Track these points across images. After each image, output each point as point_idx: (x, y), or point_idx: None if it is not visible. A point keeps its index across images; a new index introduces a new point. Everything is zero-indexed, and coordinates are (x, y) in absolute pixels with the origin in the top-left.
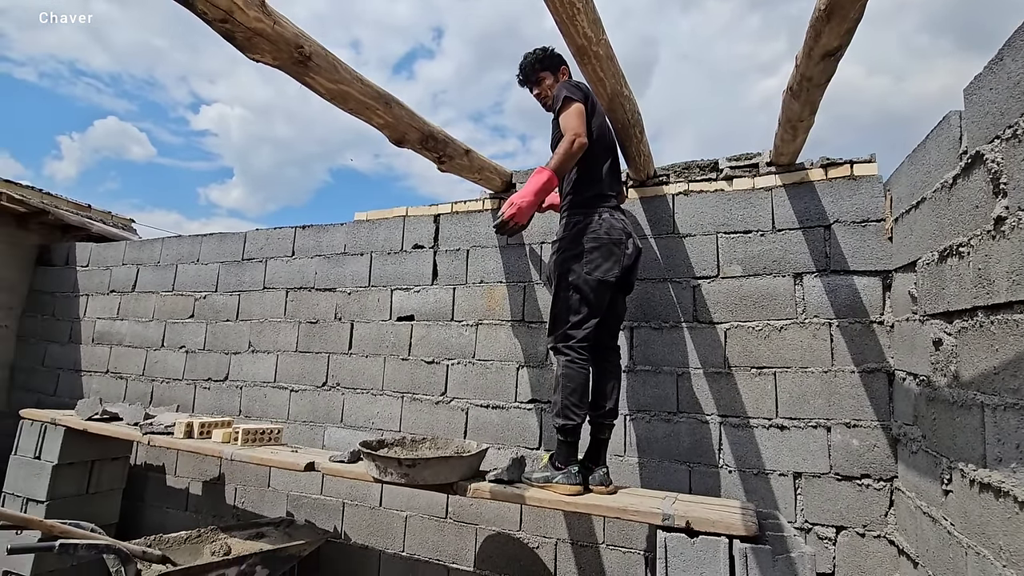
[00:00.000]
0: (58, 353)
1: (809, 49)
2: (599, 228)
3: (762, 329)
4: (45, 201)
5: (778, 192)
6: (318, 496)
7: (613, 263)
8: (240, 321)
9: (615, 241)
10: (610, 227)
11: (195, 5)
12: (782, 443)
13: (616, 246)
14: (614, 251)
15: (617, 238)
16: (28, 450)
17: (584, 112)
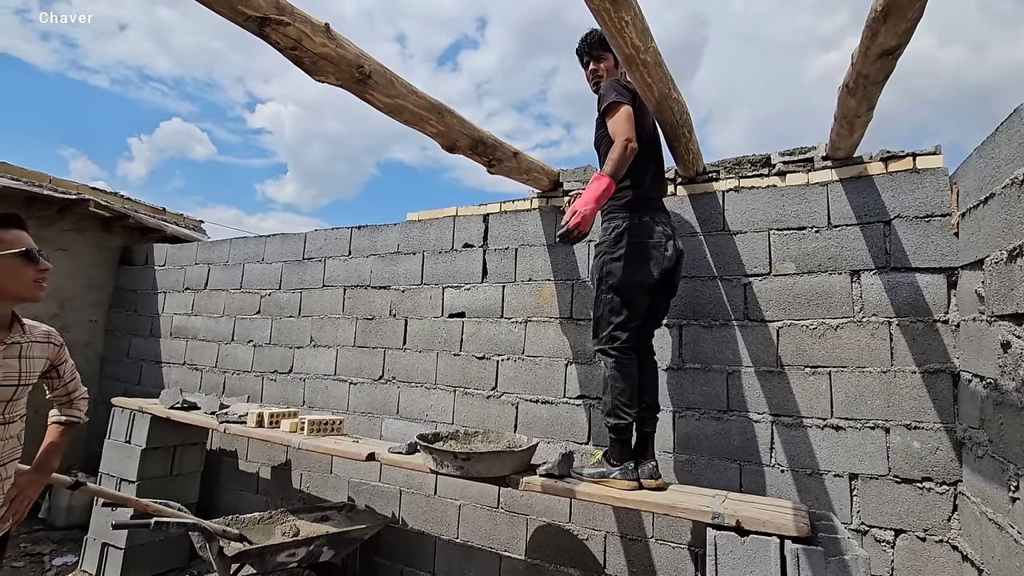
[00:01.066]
0: (141, 346)
1: (865, 48)
2: (640, 231)
3: (817, 328)
4: (126, 206)
5: (834, 187)
6: (377, 483)
7: (653, 266)
8: (302, 317)
9: (655, 244)
10: (651, 230)
11: (269, 36)
12: (837, 443)
13: (656, 249)
14: (654, 254)
15: (657, 241)
16: (120, 435)
17: (632, 116)
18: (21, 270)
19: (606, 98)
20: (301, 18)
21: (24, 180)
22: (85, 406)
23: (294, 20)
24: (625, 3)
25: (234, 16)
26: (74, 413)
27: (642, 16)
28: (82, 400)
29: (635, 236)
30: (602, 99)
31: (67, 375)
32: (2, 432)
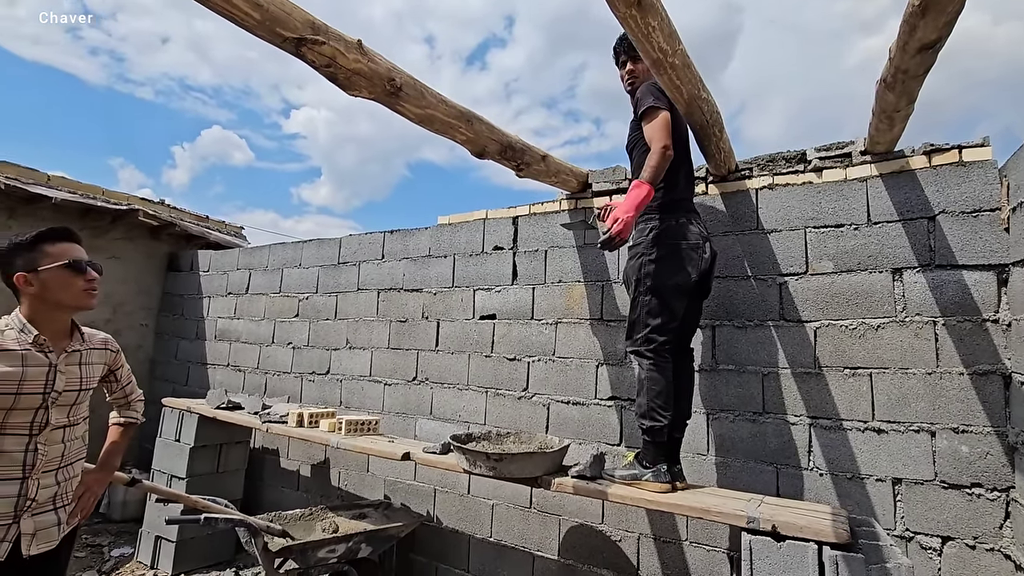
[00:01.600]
0: (188, 348)
1: (903, 43)
2: (677, 233)
3: (856, 328)
4: (172, 215)
5: (874, 182)
6: (412, 482)
7: (691, 268)
8: (338, 320)
9: (693, 246)
10: (687, 232)
11: (305, 55)
12: (879, 447)
13: (694, 251)
14: (692, 256)
15: (695, 243)
16: (170, 433)
17: (670, 122)
18: (70, 281)
19: (643, 102)
20: (335, 36)
21: (80, 193)
22: (141, 407)
23: (328, 39)
24: (651, 8)
25: (272, 38)
26: (131, 414)
27: (669, 20)
28: (138, 402)
29: (671, 238)
30: (639, 103)
31: (124, 379)
32: (68, 434)
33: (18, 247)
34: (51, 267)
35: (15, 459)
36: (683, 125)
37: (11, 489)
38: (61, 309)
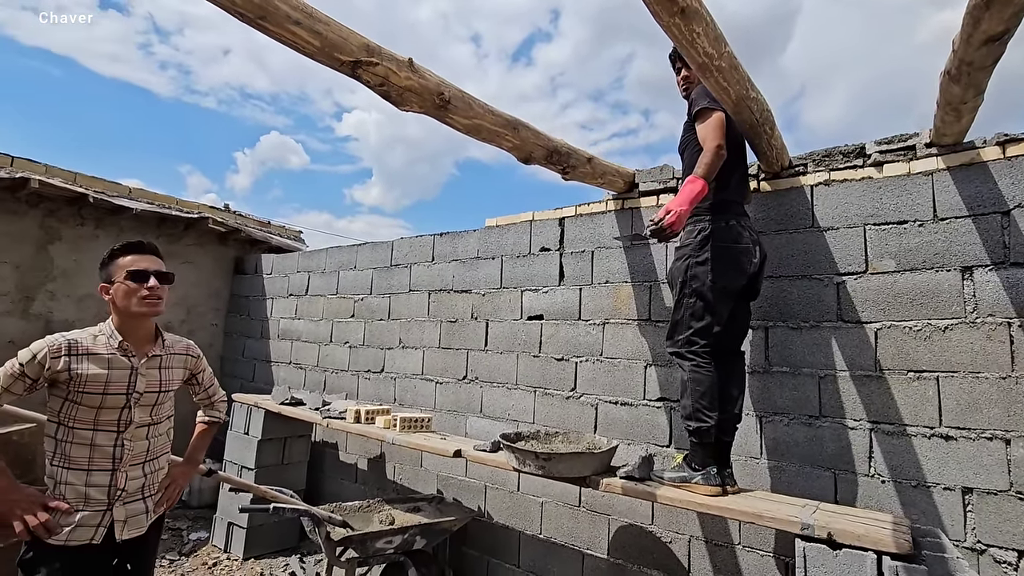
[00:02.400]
0: (253, 346)
1: (968, 35)
2: (726, 235)
3: (921, 329)
4: (237, 221)
5: (940, 176)
6: (463, 478)
7: (739, 272)
8: (391, 320)
9: (742, 249)
10: (738, 235)
11: (361, 76)
12: (947, 454)
13: (743, 254)
14: (741, 259)
15: (745, 246)
16: (240, 427)
17: (724, 122)
18: (133, 289)
19: (698, 103)
20: (388, 56)
21: (156, 203)
22: (224, 407)
23: (382, 59)
24: (696, 15)
25: (331, 62)
26: (215, 414)
27: (714, 24)
28: (221, 402)
29: (721, 240)
30: (693, 103)
31: (206, 382)
32: (152, 431)
33: (103, 263)
34: (119, 279)
35: (106, 452)
36: (732, 124)
37: (104, 479)
38: (131, 316)
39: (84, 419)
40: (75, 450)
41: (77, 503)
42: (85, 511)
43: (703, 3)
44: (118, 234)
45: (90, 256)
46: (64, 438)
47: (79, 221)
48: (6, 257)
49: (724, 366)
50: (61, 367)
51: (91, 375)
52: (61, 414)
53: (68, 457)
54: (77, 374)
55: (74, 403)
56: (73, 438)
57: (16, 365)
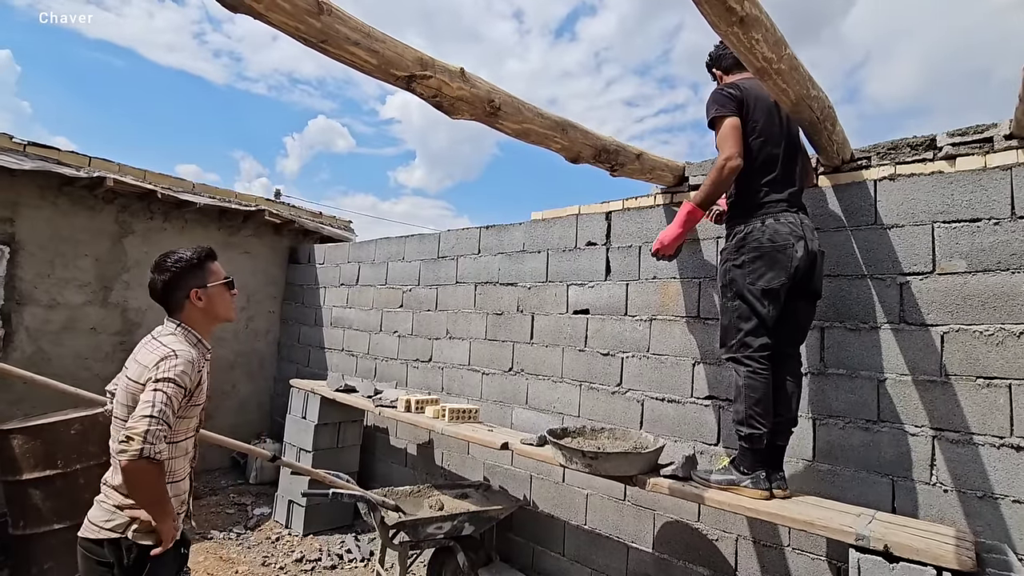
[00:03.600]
0: (308, 333)
1: None
2: (761, 236)
3: (994, 334)
4: (292, 212)
5: (1021, 171)
6: (509, 467)
7: (778, 271)
8: (438, 311)
9: (779, 247)
10: (773, 233)
11: (415, 89)
12: (1018, 465)
13: (780, 252)
14: (778, 258)
15: (782, 244)
16: (297, 411)
17: (738, 126)
18: (226, 296)
19: (709, 113)
20: (440, 68)
21: (218, 197)
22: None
23: (435, 71)
24: (755, 23)
25: (387, 78)
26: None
27: (774, 28)
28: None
29: (756, 240)
30: (707, 114)
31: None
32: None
33: (190, 265)
34: (217, 283)
35: (189, 457)
36: (769, 118)
37: (187, 484)
38: (218, 321)
39: (184, 429)
40: (177, 463)
41: (179, 509)
42: (180, 513)
43: (762, 9)
44: (183, 227)
45: (158, 248)
46: (171, 455)
47: (148, 215)
48: (87, 250)
49: (781, 369)
50: (197, 381)
51: (204, 384)
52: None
53: (173, 472)
54: (201, 386)
55: (182, 417)
56: (175, 452)
57: (181, 389)
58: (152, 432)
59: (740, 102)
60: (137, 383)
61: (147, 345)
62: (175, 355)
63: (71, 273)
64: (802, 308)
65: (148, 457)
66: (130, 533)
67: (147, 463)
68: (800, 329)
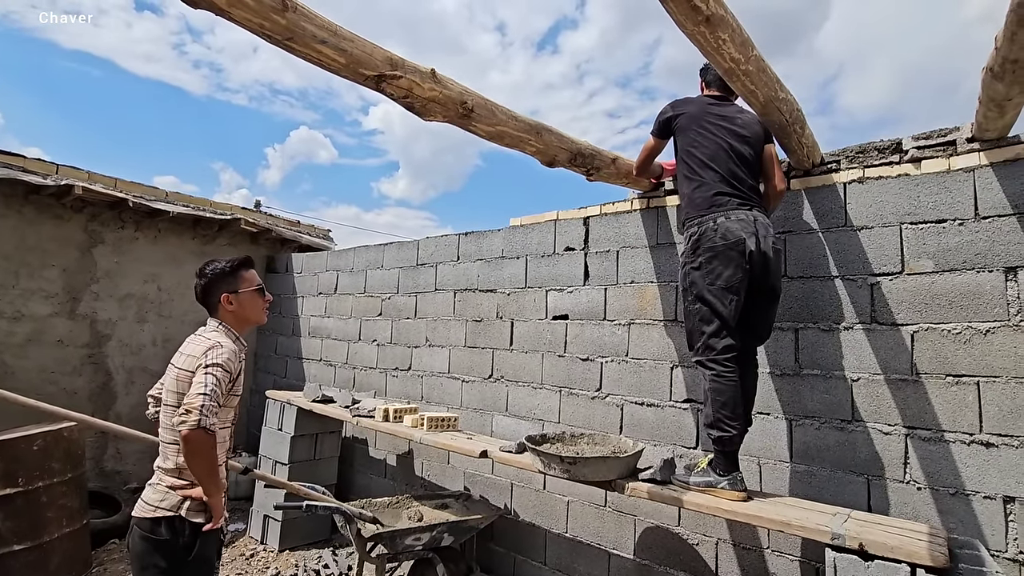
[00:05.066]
0: (285, 343)
1: (1011, 33)
2: (714, 235)
3: (961, 332)
4: (268, 221)
5: (983, 173)
6: (490, 475)
7: (735, 268)
8: (418, 319)
9: (731, 245)
10: (725, 231)
11: (385, 90)
12: (988, 462)
13: (733, 249)
14: (732, 255)
15: (735, 240)
16: (273, 423)
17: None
18: (258, 301)
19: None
20: (411, 69)
21: (191, 205)
22: None
23: (405, 72)
24: (721, 23)
25: (356, 77)
26: None
27: (740, 29)
28: None
29: (709, 241)
30: None
31: None
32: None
33: (224, 272)
34: (248, 290)
35: (225, 446)
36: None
37: (223, 471)
38: (249, 323)
39: (223, 419)
40: (218, 449)
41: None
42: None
43: (728, 9)
44: (156, 236)
45: (129, 258)
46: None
47: (120, 224)
48: (54, 260)
49: (742, 370)
50: (239, 370)
51: (242, 376)
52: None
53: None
54: (240, 376)
55: (222, 406)
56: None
57: (228, 373)
58: (207, 407)
59: (668, 121)
60: (188, 371)
61: (193, 340)
62: (220, 345)
63: (37, 284)
64: (761, 306)
65: (204, 428)
66: (183, 511)
67: (204, 433)
68: (756, 330)
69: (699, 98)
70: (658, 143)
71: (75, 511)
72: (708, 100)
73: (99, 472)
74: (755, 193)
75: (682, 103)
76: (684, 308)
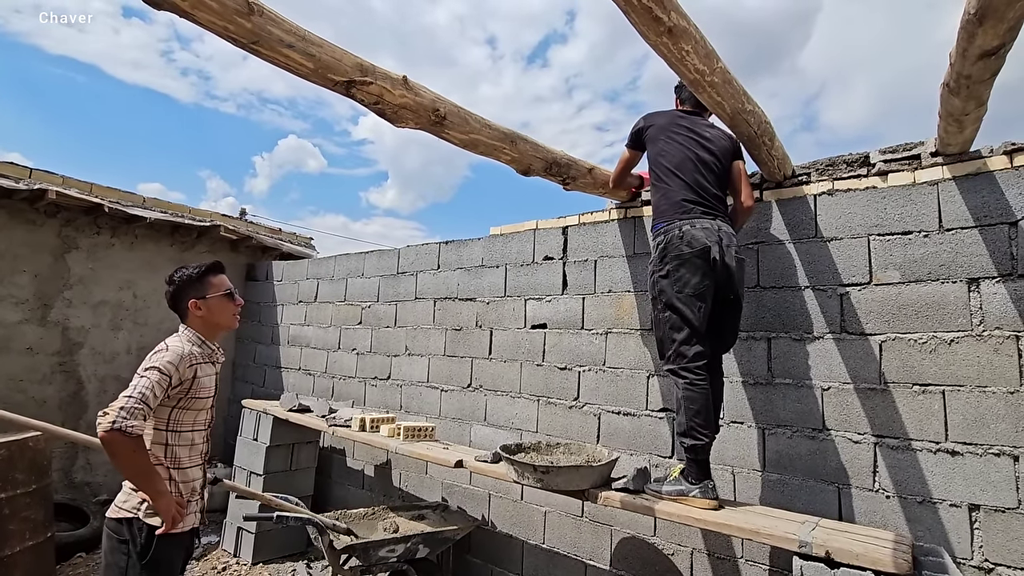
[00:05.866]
0: (264, 352)
1: (963, 49)
2: (680, 243)
3: (927, 342)
4: (249, 229)
5: (946, 186)
6: (467, 486)
7: (702, 275)
8: (398, 328)
9: (697, 252)
10: (691, 239)
11: (355, 95)
12: (953, 470)
13: (699, 256)
14: (698, 263)
15: (700, 248)
16: (249, 433)
17: (626, 158)
18: (227, 306)
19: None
20: (382, 75)
21: (170, 212)
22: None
23: (376, 78)
24: (683, 34)
25: (324, 83)
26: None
27: (704, 41)
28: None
29: (676, 249)
30: None
31: None
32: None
33: (190, 279)
34: (216, 295)
35: (199, 449)
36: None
37: (199, 472)
38: (219, 329)
39: (187, 421)
40: (182, 451)
41: (190, 497)
42: (191, 501)
43: (691, 21)
44: (132, 242)
45: (104, 264)
46: (173, 442)
47: (95, 230)
48: (25, 266)
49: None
50: (191, 375)
51: (204, 381)
52: (170, 420)
53: (177, 459)
54: (198, 381)
55: (183, 409)
56: (179, 441)
57: (164, 376)
58: (128, 409)
59: (639, 132)
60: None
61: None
62: (165, 348)
63: (6, 290)
64: (726, 314)
65: (119, 429)
66: (141, 513)
67: (120, 435)
68: (728, 335)
69: (671, 111)
70: (633, 155)
71: (39, 524)
72: (679, 112)
73: (68, 484)
74: (720, 203)
75: (653, 115)
76: (654, 316)
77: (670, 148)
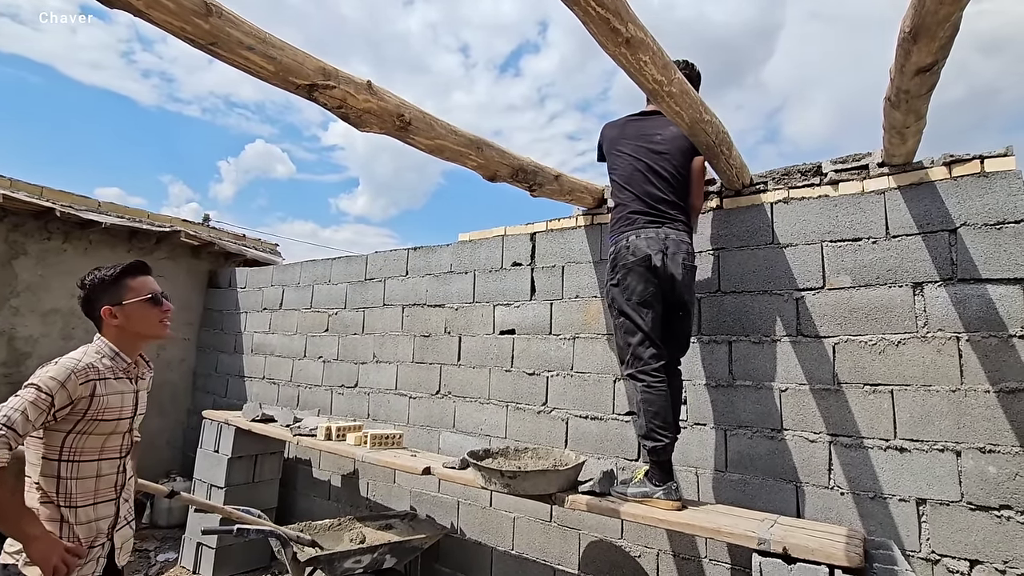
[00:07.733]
0: (227, 361)
1: (901, 66)
2: (626, 252)
3: (876, 344)
4: (211, 234)
5: (892, 195)
6: (436, 494)
7: (646, 283)
8: (365, 334)
9: (640, 261)
10: (635, 248)
11: (317, 99)
12: (902, 466)
13: (641, 265)
14: (641, 271)
15: (643, 256)
16: (209, 444)
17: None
18: (150, 313)
19: None
20: (345, 79)
21: (127, 216)
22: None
23: (339, 82)
24: (641, 45)
25: (286, 86)
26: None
27: (662, 52)
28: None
29: (623, 259)
30: None
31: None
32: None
33: (103, 282)
34: (135, 300)
35: (110, 481)
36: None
37: (109, 509)
38: (142, 339)
39: (91, 448)
40: (80, 485)
41: (90, 539)
42: (94, 546)
43: (648, 33)
44: (86, 248)
45: (56, 271)
46: (68, 475)
47: (46, 235)
48: None
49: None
50: (87, 393)
51: (111, 400)
52: (64, 449)
53: (71, 495)
54: (99, 400)
55: (82, 433)
56: (78, 473)
57: (42, 395)
58: None
59: (599, 147)
60: None
61: None
62: (55, 362)
63: None
64: (676, 320)
65: None
66: (20, 561)
67: None
68: (681, 339)
69: (621, 119)
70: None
71: None
72: (630, 118)
73: None
74: (673, 209)
75: (606, 127)
76: (612, 324)
77: (619, 162)
